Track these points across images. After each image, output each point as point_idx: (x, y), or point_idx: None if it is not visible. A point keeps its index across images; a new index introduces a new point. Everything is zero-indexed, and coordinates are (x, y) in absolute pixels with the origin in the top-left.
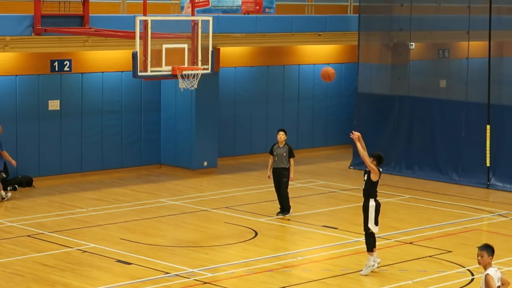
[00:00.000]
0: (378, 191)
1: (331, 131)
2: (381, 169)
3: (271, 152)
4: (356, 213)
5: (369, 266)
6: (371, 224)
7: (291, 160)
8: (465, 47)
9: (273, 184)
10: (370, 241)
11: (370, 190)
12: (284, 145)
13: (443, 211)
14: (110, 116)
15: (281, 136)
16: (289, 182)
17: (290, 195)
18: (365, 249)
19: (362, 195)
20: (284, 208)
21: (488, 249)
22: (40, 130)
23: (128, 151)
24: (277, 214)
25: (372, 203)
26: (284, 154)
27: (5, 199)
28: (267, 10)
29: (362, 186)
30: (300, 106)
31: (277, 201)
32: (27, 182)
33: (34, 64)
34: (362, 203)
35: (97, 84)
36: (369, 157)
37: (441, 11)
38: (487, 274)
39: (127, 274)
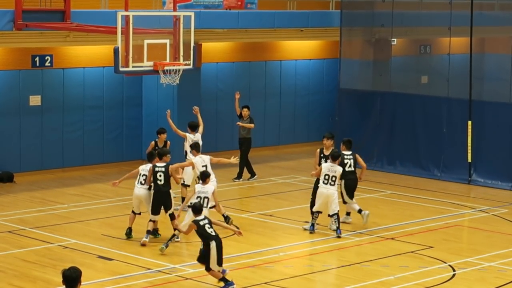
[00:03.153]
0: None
1: (313, 127)
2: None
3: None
4: None
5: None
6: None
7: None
8: (446, 43)
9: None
10: None
11: None
12: (248, 118)
13: (424, 207)
14: (91, 112)
15: (244, 111)
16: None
17: (272, 191)
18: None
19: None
20: (239, 174)
21: None
22: (21, 125)
23: (109, 147)
24: (234, 179)
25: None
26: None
27: None
28: (249, 5)
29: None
30: (282, 101)
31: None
32: (8, 178)
33: (15, 59)
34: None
35: (78, 79)
36: None
37: (422, 7)
38: None
39: (108, 270)
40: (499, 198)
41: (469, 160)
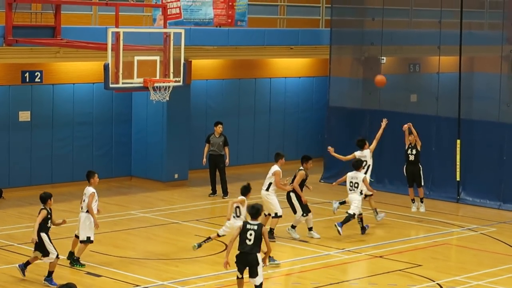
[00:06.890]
0: None
1: (302, 144)
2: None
3: (208, 141)
4: (326, 227)
5: None
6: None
7: (226, 148)
8: (436, 61)
9: None
10: None
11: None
12: (220, 135)
13: (413, 225)
14: (80, 128)
15: (219, 128)
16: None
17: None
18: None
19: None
20: (223, 190)
21: None
22: (10, 141)
23: (98, 163)
24: (209, 195)
25: None
26: (220, 143)
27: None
28: (239, 23)
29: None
30: (272, 119)
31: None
32: None
33: (5, 75)
34: (332, 217)
35: (68, 95)
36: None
37: (412, 26)
38: None
39: (97, 286)
40: (488, 217)
41: (458, 179)
